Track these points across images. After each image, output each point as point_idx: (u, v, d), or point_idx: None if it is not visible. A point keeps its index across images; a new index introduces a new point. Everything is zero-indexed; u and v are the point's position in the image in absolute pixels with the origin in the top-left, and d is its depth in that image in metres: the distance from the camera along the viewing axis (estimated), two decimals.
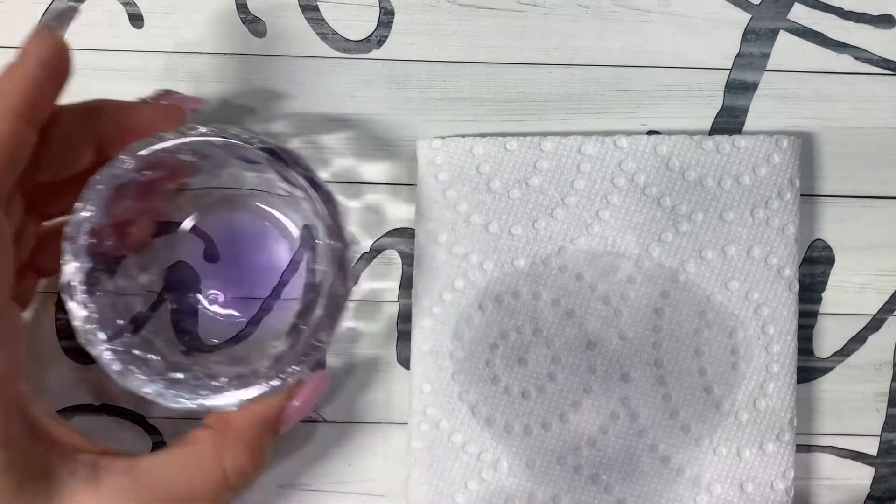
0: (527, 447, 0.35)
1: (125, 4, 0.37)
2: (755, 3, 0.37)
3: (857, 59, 0.37)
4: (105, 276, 0.32)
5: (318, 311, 0.32)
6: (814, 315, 0.38)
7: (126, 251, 0.34)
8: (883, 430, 0.38)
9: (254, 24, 0.37)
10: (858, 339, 0.38)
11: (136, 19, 0.37)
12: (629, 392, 0.35)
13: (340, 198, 0.37)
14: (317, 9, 0.37)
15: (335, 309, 0.32)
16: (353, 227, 0.37)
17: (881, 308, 0.38)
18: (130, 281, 0.34)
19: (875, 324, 0.38)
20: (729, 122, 0.37)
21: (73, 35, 0.37)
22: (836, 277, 0.37)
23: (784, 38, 0.37)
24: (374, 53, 0.37)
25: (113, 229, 0.32)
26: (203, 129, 0.31)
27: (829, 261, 0.37)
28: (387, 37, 0.37)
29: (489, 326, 0.35)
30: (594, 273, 0.35)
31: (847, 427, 0.38)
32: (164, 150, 0.31)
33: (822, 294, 0.38)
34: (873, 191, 0.38)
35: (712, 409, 0.35)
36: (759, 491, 0.35)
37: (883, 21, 0.37)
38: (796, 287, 0.36)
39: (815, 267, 0.37)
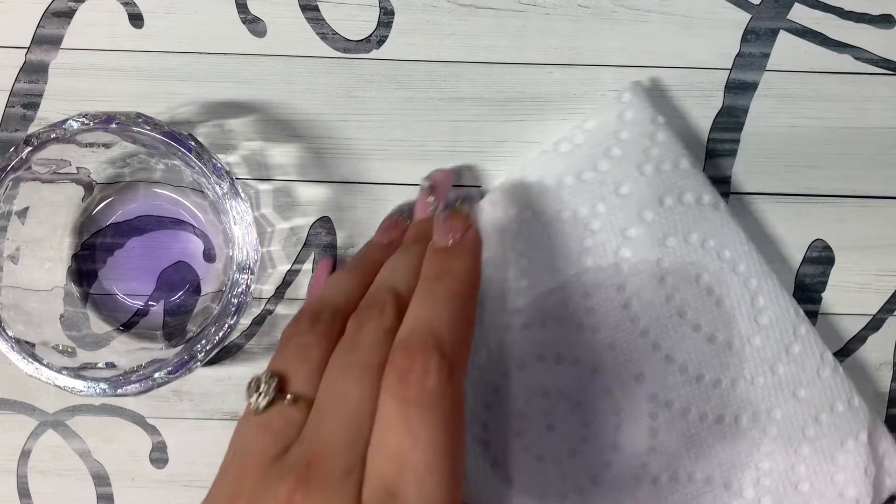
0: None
1: (125, 4, 0.37)
2: (755, 3, 0.37)
3: (857, 59, 0.37)
4: None
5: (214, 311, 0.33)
6: (814, 315, 0.38)
7: None
8: None
9: (254, 24, 0.37)
10: (858, 339, 0.38)
11: (136, 19, 0.37)
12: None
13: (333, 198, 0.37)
14: (317, 9, 0.37)
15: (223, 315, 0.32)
16: (344, 230, 0.37)
17: (881, 308, 0.38)
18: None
19: (875, 324, 0.38)
20: (729, 122, 0.37)
21: (73, 35, 0.37)
22: (836, 277, 0.37)
23: (784, 38, 0.37)
24: (374, 53, 0.37)
25: None
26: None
27: (829, 261, 0.37)
28: (387, 37, 0.37)
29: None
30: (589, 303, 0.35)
31: None
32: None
33: (822, 294, 0.38)
34: (873, 191, 0.38)
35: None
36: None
37: (883, 21, 0.37)
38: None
39: (815, 267, 0.37)
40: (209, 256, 0.37)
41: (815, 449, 0.34)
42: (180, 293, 0.37)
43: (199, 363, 0.32)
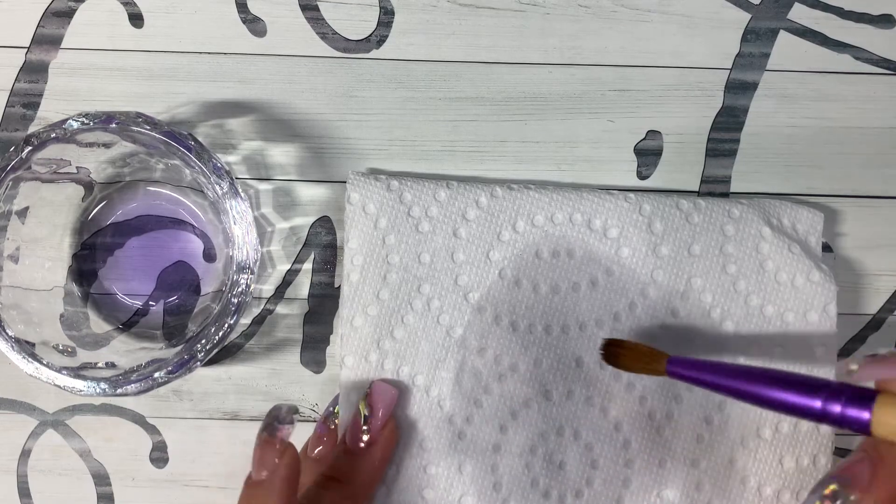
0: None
1: (125, 4, 0.37)
2: (755, 3, 0.37)
3: (857, 58, 0.37)
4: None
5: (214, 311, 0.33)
6: None
7: None
8: None
9: (254, 24, 0.37)
10: (858, 339, 0.38)
11: (136, 19, 0.37)
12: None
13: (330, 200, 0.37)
14: (317, 8, 0.37)
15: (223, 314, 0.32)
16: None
17: (881, 308, 0.38)
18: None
19: (875, 324, 0.38)
20: (729, 122, 0.37)
21: (74, 35, 0.37)
22: (836, 277, 0.37)
23: (784, 38, 0.37)
24: (374, 53, 0.37)
25: None
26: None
27: (830, 260, 0.37)
28: (387, 37, 0.37)
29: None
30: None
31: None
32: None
33: None
34: (873, 191, 0.38)
35: None
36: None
37: (883, 21, 0.37)
38: None
39: None
40: (209, 256, 0.37)
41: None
42: (180, 293, 0.37)
43: (199, 363, 0.32)
